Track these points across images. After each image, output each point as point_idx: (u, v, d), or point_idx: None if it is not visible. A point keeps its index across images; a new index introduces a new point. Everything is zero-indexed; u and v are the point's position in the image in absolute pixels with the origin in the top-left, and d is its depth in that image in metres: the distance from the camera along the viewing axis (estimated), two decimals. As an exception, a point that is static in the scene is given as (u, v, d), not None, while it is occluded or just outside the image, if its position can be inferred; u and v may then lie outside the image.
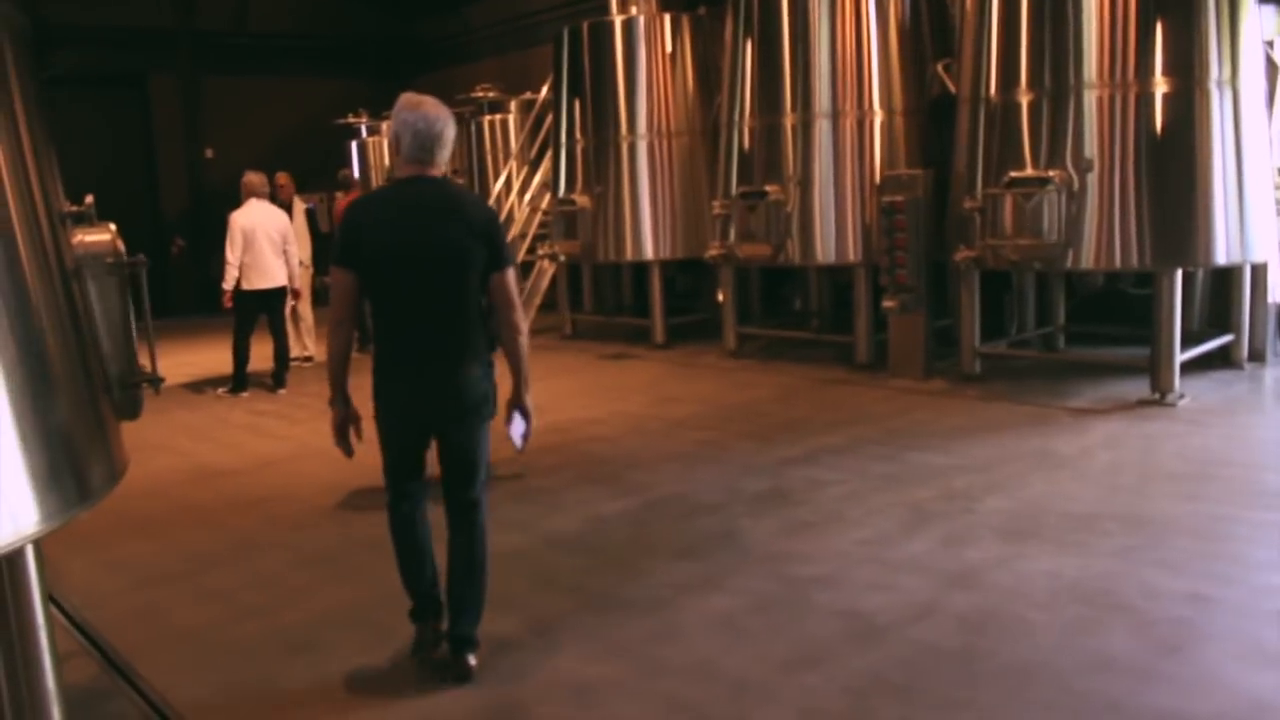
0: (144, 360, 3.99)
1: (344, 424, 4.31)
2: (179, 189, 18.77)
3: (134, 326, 3.87)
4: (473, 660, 4.19)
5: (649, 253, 12.06)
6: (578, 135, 12.45)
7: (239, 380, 10.58)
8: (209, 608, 5.16)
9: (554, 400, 9.47)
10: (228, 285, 10.28)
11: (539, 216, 14.05)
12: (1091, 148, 8.16)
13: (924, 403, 8.58)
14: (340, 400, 4.28)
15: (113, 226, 3.92)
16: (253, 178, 10.46)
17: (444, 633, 4.34)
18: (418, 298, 4.07)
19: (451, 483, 4.27)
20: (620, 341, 12.53)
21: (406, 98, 4.13)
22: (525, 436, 4.42)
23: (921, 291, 9.28)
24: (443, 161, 4.12)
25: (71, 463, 3.30)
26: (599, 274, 14.43)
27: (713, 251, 10.68)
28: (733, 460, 7.15)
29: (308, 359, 12.00)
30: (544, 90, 14.70)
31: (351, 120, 18.96)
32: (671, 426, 8.23)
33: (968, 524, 5.58)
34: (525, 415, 4.36)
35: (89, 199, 3.76)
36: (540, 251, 13.17)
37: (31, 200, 3.42)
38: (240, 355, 10.55)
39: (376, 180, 18.83)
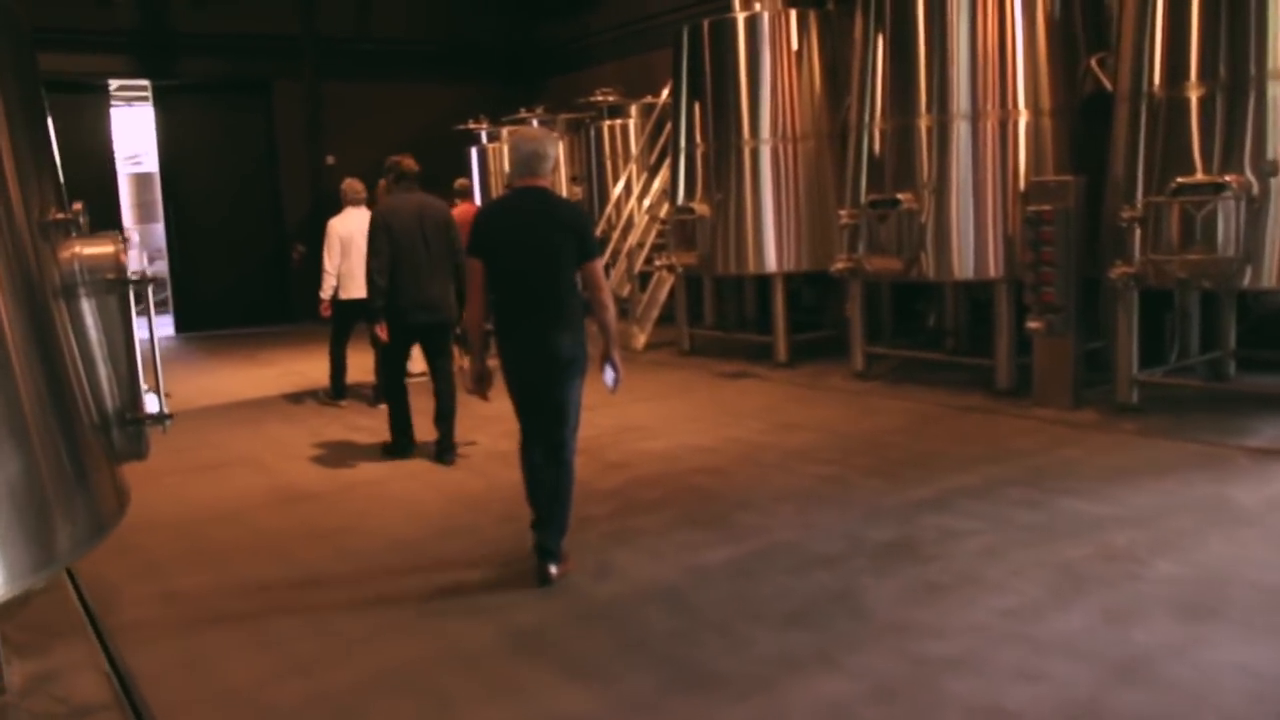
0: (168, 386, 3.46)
1: (479, 377, 5.44)
2: (301, 195, 18.71)
3: (138, 353, 3.34)
4: (553, 569, 5.25)
5: (772, 265, 11.30)
6: (697, 139, 11.77)
7: (337, 389, 10.26)
8: (257, 658, 4.64)
9: (664, 424, 8.80)
10: (324, 294, 9.97)
11: (657, 225, 13.42)
12: (1275, 148, 7.15)
13: (1073, 437, 7.64)
14: (479, 358, 5.42)
15: (120, 237, 3.39)
16: (351, 184, 10.12)
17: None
18: (524, 278, 5.21)
19: (547, 425, 5.30)
20: (740, 359, 11.80)
21: (517, 129, 5.53)
22: (616, 381, 5.40)
23: (1071, 311, 8.33)
24: (545, 173, 5.29)
25: (36, 522, 2.75)
26: (719, 286, 13.73)
27: (839, 265, 9.88)
28: (855, 501, 6.36)
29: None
30: (664, 93, 14.10)
31: (472, 126, 18.64)
32: (789, 458, 7.47)
33: (1133, 594, 4.71)
34: (614, 367, 5.36)
35: (77, 205, 3.25)
36: (658, 262, 12.53)
37: (7, 207, 2.91)
38: (337, 364, 10.26)
39: (496, 185, 18.48)
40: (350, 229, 9.82)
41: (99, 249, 3.30)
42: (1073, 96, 9.18)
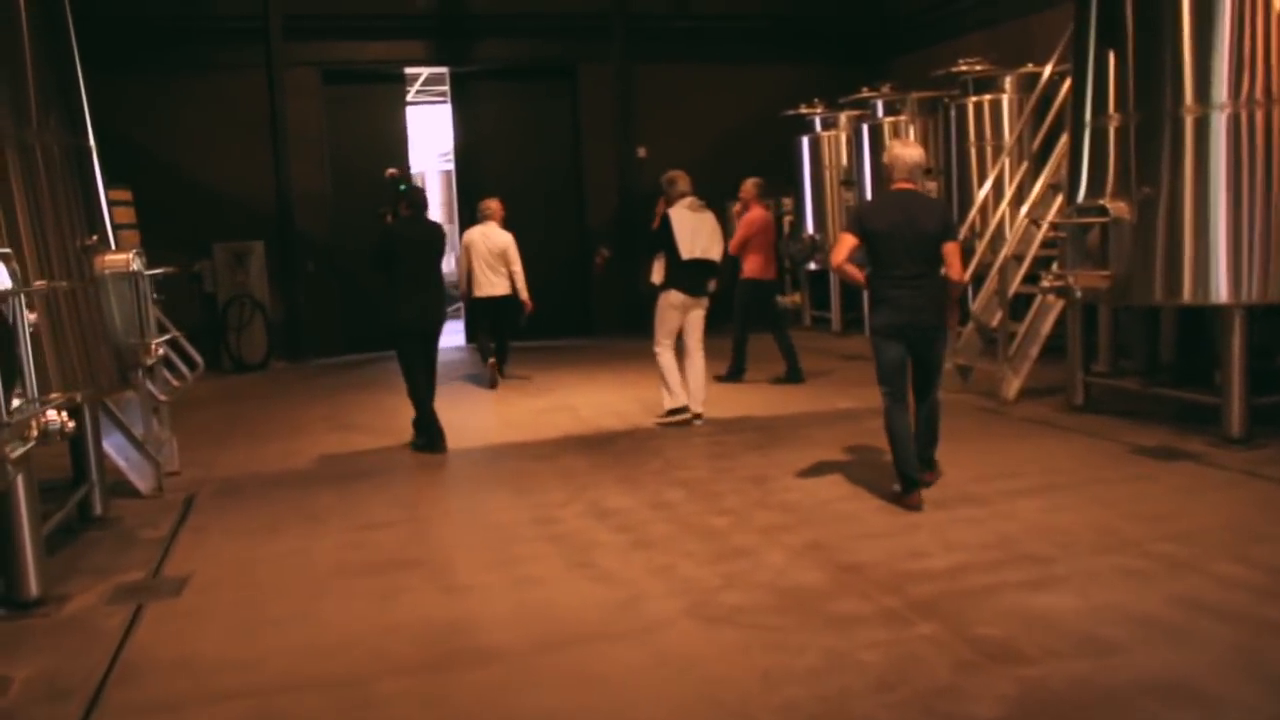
0: None
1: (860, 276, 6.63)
2: (608, 191, 16.49)
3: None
4: (931, 475, 6.74)
5: (1223, 293, 7.57)
6: (1110, 109, 8.18)
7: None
8: None
9: (1066, 549, 5.43)
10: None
11: (1043, 233, 9.80)
12: None
13: None
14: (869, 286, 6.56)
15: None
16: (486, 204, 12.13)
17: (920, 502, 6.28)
18: (903, 258, 6.29)
19: (920, 382, 6.55)
20: (1163, 424, 8.16)
21: (898, 140, 7.68)
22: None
23: None
24: (918, 178, 6.52)
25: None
26: (1118, 316, 9.96)
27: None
28: None
29: (698, 417, 9.12)
30: (1050, 61, 10.61)
31: (804, 111, 15.68)
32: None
33: None
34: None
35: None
36: (1044, 282, 8.94)
37: (60, 240, 5.93)
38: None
39: (832, 180, 15.37)
40: (472, 237, 12.02)
41: (118, 257, 6.21)
42: None
